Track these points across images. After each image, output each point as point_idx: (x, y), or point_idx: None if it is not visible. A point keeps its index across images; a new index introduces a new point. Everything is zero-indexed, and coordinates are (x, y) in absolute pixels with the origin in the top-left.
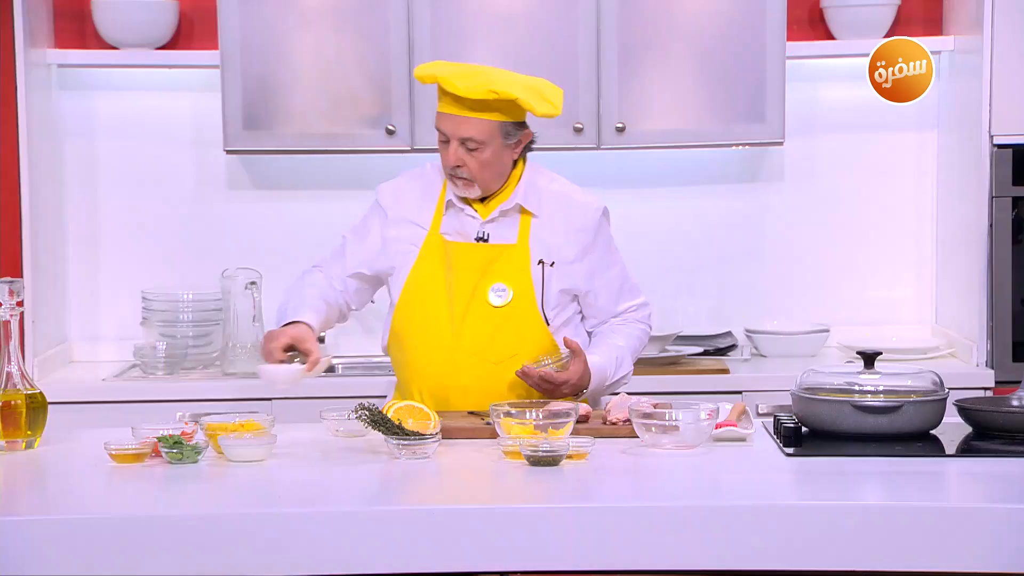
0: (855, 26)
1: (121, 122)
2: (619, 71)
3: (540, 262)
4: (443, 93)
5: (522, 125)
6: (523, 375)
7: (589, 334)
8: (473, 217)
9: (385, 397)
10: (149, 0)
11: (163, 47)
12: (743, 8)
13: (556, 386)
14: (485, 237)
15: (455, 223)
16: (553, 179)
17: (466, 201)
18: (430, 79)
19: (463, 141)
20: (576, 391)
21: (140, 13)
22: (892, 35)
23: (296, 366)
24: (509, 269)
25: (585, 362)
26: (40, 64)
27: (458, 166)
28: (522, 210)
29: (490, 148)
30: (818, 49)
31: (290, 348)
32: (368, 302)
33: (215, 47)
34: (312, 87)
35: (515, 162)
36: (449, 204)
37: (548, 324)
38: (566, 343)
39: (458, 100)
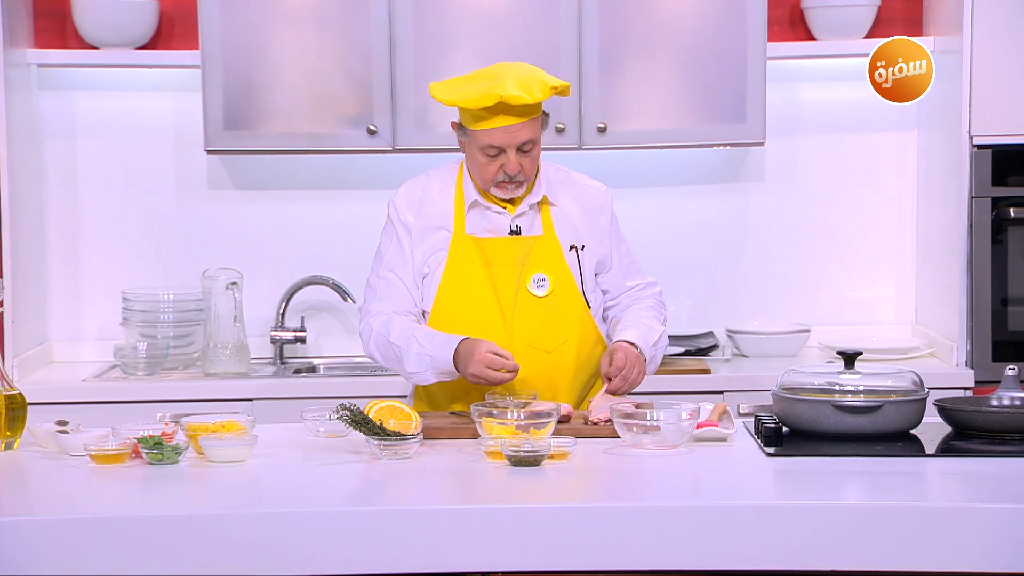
0: (835, 27)
1: (101, 122)
2: (601, 71)
3: (572, 247)
4: (493, 109)
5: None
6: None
7: (605, 319)
8: (500, 214)
9: (371, 397)
10: (129, 0)
11: (144, 47)
12: (724, 9)
13: (624, 381)
14: (518, 230)
15: (482, 222)
16: (559, 168)
17: (491, 200)
18: (486, 99)
19: (520, 146)
20: (642, 371)
21: (120, 13)
22: (872, 36)
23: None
24: (545, 259)
25: (624, 347)
26: (20, 64)
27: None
28: (542, 201)
29: (538, 143)
30: (799, 50)
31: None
32: None
33: (196, 47)
34: (294, 87)
35: None
36: (473, 204)
37: (590, 307)
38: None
39: (513, 109)
